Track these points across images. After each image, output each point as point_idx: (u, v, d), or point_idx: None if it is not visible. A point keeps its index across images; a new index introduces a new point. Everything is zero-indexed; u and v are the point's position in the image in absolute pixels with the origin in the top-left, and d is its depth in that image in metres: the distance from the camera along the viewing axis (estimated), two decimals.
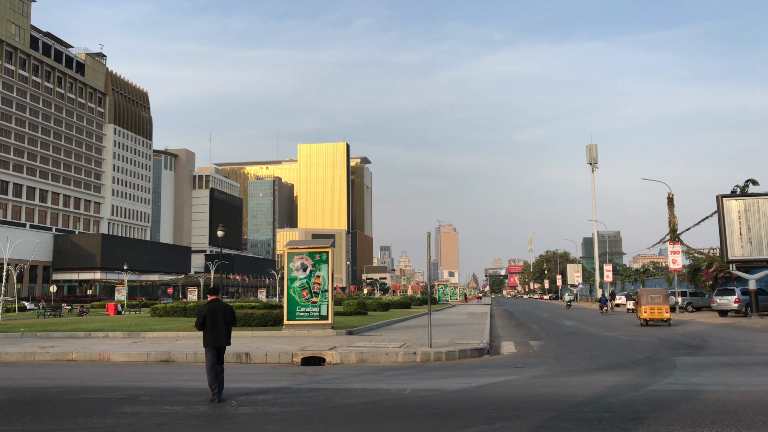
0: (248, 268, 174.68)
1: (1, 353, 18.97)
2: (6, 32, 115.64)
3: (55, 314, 48.78)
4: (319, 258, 22.56)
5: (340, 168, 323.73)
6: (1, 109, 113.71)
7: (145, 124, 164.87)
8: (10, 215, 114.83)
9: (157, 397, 11.52)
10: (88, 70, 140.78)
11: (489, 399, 11.01)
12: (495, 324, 36.34)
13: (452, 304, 75.89)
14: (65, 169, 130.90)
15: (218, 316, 11.17)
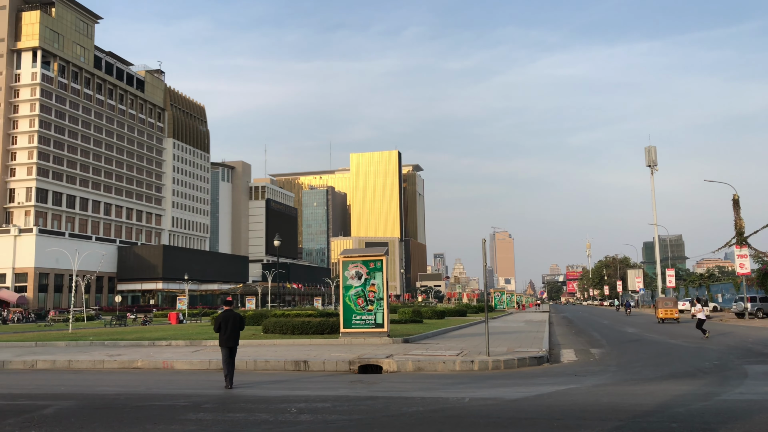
0: (303, 276, 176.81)
1: (73, 361, 19.73)
2: (72, 53, 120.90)
3: (120, 323, 50.39)
4: (374, 266, 22.63)
5: (392, 176, 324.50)
6: (68, 127, 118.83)
7: (203, 138, 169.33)
8: (78, 228, 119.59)
9: (220, 404, 11.77)
10: (148, 87, 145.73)
11: (550, 408, 10.80)
12: (554, 332, 35.67)
13: (509, 312, 74.90)
14: (128, 182, 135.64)
15: (230, 323, 14.37)
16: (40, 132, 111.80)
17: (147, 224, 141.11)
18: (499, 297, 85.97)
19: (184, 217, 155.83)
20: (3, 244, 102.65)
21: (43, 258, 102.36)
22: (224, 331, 14.33)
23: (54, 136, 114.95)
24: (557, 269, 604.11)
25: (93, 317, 64.66)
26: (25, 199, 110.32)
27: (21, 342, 28.33)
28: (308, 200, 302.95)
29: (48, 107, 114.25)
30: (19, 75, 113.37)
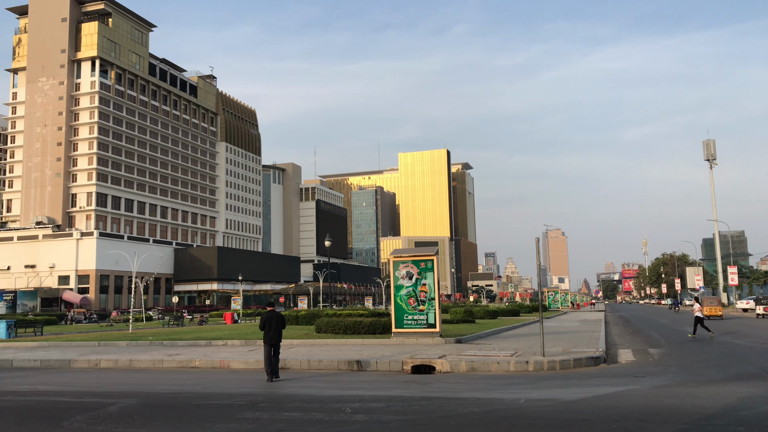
0: (354, 276, 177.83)
1: (134, 360, 20.34)
2: (128, 61, 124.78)
3: (177, 323, 51.70)
4: (425, 266, 22.55)
5: (441, 175, 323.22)
6: (125, 133, 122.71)
7: (254, 141, 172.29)
8: (136, 231, 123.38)
9: (276, 403, 11.93)
10: (201, 92, 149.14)
11: (608, 410, 10.56)
12: (610, 331, 34.87)
13: (563, 311, 73.62)
14: (183, 186, 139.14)
15: (273, 323, 15.90)
16: (99, 138, 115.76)
17: (202, 226, 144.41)
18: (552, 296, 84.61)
19: (237, 219, 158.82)
20: (66, 247, 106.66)
21: (104, 260, 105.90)
22: (268, 329, 15.81)
23: (112, 142, 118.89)
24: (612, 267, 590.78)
25: (151, 317, 66.56)
26: (86, 204, 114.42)
27: (85, 342, 29.38)
28: (357, 200, 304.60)
29: (106, 114, 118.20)
30: (79, 84, 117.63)
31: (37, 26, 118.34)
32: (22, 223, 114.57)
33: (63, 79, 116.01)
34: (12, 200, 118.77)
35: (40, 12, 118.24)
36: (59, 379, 17.16)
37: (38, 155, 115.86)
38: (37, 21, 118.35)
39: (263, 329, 15.93)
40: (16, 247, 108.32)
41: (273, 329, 15.80)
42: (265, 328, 15.88)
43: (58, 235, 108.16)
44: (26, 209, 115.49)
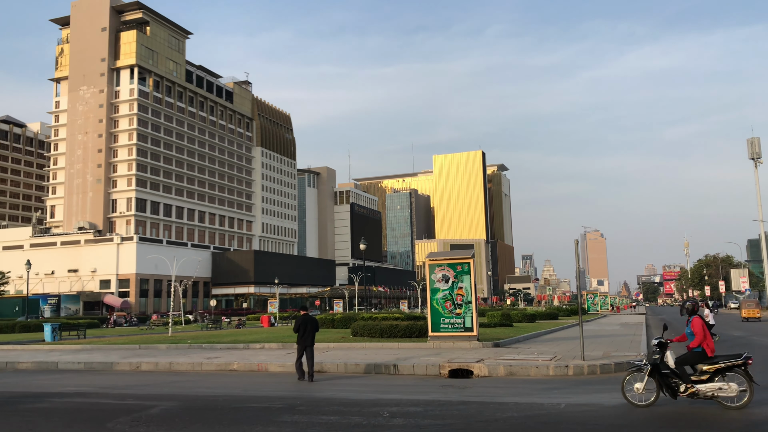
0: (389, 279, 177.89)
1: (174, 363, 20.64)
2: (165, 69, 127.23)
3: (216, 327, 52.30)
4: (461, 269, 22.39)
5: (477, 177, 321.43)
6: (163, 139, 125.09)
7: (289, 146, 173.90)
8: (174, 236, 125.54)
9: (314, 407, 11.95)
10: (236, 98, 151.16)
11: (653, 416, 10.31)
12: (652, 335, 34.11)
13: (603, 314, 72.39)
14: (220, 191, 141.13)
15: (308, 326, 16.51)
16: (138, 145, 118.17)
17: (238, 230, 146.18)
18: (591, 299, 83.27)
19: (273, 223, 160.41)
20: (107, 252, 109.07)
21: (144, 264, 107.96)
22: (302, 332, 16.47)
23: (150, 148, 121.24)
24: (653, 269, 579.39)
25: (190, 321, 67.53)
26: (126, 209, 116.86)
27: (126, 345, 29.93)
28: (392, 203, 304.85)
29: (144, 121, 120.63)
30: (118, 92, 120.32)
31: (78, 36, 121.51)
32: (65, 228, 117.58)
33: (103, 87, 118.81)
34: (55, 206, 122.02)
35: (81, 22, 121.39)
36: (102, 381, 17.50)
37: (80, 162, 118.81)
38: (78, 31, 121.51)
39: (297, 332, 16.57)
40: (60, 251, 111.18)
41: (307, 332, 16.39)
42: (300, 331, 16.49)
43: (99, 240, 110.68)
44: (69, 215, 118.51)
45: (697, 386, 10.59)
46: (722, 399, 10.40)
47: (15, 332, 45.56)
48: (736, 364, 10.33)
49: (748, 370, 10.44)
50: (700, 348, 10.96)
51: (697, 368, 10.69)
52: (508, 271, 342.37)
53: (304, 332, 16.42)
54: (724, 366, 10.38)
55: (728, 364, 10.37)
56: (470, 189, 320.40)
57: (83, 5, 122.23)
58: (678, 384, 10.74)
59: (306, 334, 16.40)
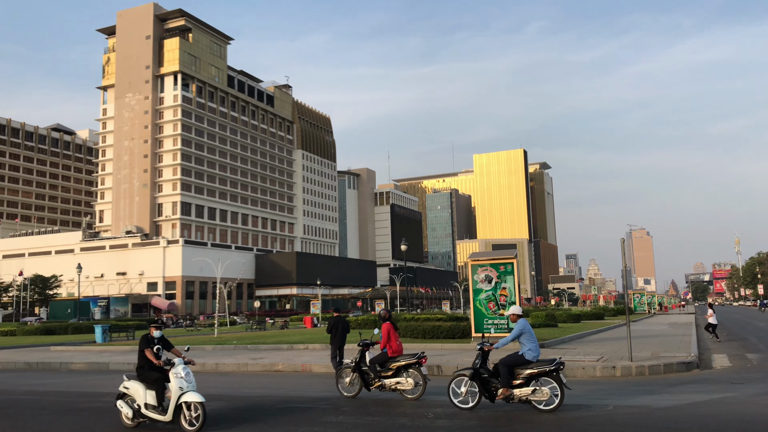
0: (430, 280, 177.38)
1: (220, 364, 20.98)
2: (208, 74, 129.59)
3: (260, 328, 52.98)
4: (504, 269, 22.16)
5: (518, 175, 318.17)
6: (206, 144, 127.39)
7: (329, 148, 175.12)
8: (218, 238, 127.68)
9: (358, 407, 11.98)
10: (277, 102, 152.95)
11: (704, 418, 10.03)
12: (702, 335, 33.22)
13: (650, 314, 70.83)
14: (262, 193, 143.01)
15: (340, 327, 17.40)
16: (182, 150, 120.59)
17: (281, 232, 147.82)
18: (639, 298, 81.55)
19: (314, 225, 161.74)
20: (154, 255, 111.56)
21: (189, 267, 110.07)
22: (335, 333, 17.37)
23: (195, 153, 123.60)
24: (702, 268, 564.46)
25: (235, 322, 68.57)
26: (172, 213, 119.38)
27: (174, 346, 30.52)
28: (432, 204, 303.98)
29: (188, 126, 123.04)
30: (163, 98, 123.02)
31: (123, 45, 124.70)
32: (113, 232, 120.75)
33: (148, 94, 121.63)
34: (104, 211, 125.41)
35: (126, 31, 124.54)
36: None
37: (126, 167, 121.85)
38: (124, 40, 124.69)
39: (330, 332, 17.49)
40: (108, 255, 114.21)
41: (339, 333, 17.33)
42: (332, 332, 17.42)
43: (146, 243, 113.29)
44: (116, 219, 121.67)
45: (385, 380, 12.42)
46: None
47: (68, 333, 47.01)
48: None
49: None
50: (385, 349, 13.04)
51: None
52: (552, 270, 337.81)
53: (336, 333, 17.34)
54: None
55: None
56: (512, 188, 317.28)
57: (128, 14, 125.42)
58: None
59: (337, 335, 17.32)
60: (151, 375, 10.32)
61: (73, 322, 55.95)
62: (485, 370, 11.21)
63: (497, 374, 11.05)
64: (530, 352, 11.08)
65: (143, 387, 10.34)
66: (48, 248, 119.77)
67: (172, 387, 10.01)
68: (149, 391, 10.29)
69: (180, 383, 9.92)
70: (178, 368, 10.05)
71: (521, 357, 11.07)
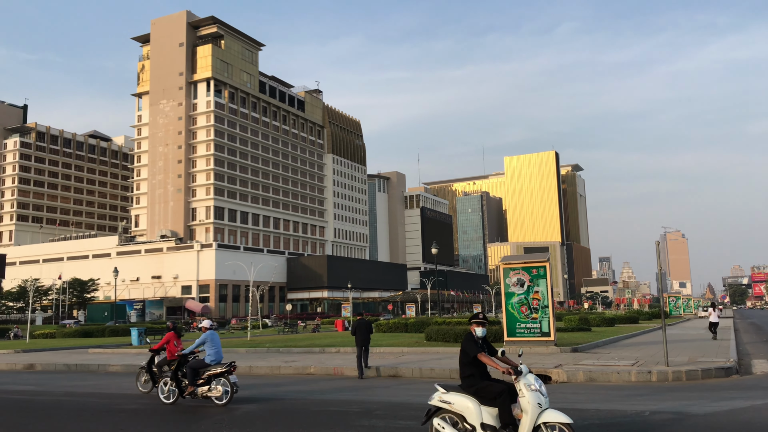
0: (461, 283, 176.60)
1: (253, 366, 21.19)
2: (240, 80, 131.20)
3: (292, 330, 53.43)
4: (537, 273, 21.98)
5: (550, 178, 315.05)
6: (238, 149, 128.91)
7: (359, 151, 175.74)
8: (251, 242, 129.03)
9: (390, 411, 11.99)
10: (308, 106, 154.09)
11: (746, 425, 9.81)
12: (741, 339, 32.47)
13: (686, 318, 69.48)
14: (293, 197, 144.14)
15: (363, 328, 18.83)
16: (215, 155, 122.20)
17: (312, 236, 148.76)
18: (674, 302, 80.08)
19: (345, 228, 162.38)
20: (188, 258, 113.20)
21: (222, 270, 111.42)
22: (358, 334, 18.79)
23: (227, 158, 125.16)
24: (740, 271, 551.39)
25: (267, 325, 69.17)
26: (205, 217, 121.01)
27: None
28: (462, 207, 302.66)
29: (221, 132, 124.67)
30: (196, 104, 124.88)
31: (157, 52, 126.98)
32: (149, 236, 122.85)
33: (181, 101, 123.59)
34: (139, 216, 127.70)
35: (160, 39, 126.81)
36: None
37: (161, 173, 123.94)
38: (158, 47, 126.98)
39: (354, 334, 19.05)
40: (144, 259, 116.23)
41: (362, 334, 18.75)
42: (356, 334, 18.87)
43: (180, 247, 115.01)
44: (152, 224, 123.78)
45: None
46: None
47: (105, 336, 47.97)
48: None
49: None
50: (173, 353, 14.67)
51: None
52: (585, 273, 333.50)
53: (360, 334, 18.76)
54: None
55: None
56: (543, 190, 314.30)
57: (162, 22, 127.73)
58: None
59: (362, 335, 18.73)
60: (492, 386, 8.24)
61: (109, 325, 57.06)
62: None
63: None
64: (210, 357, 13.66)
65: (475, 402, 8.24)
66: (86, 252, 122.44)
67: (524, 403, 7.78)
68: (487, 407, 8.16)
69: (537, 398, 7.74)
70: (529, 377, 7.90)
71: (202, 361, 13.60)
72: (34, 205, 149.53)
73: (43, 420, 12.13)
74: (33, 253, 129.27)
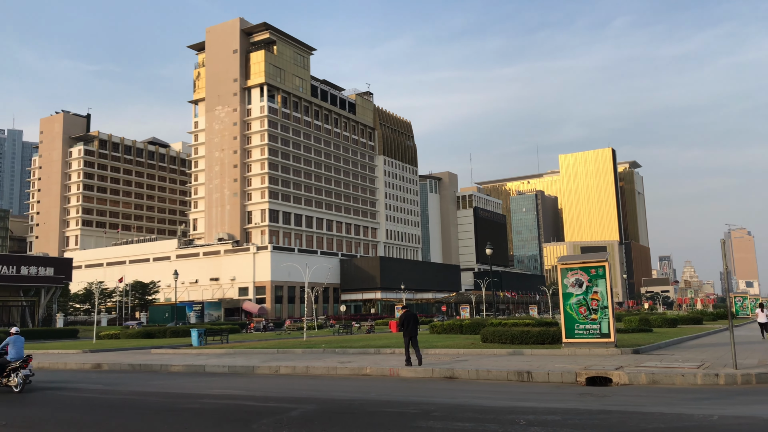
0: (516, 284, 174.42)
1: (310, 367, 21.42)
2: (292, 85, 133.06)
3: (346, 332, 53.76)
4: (595, 273, 21.49)
5: (607, 175, 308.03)
6: (291, 153, 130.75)
7: (410, 152, 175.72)
8: (305, 244, 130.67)
9: (448, 413, 11.91)
10: (358, 109, 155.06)
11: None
12: None
13: (753, 319, 66.71)
14: (345, 200, 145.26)
15: (410, 320, 20.24)
16: (269, 159, 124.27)
17: (364, 237, 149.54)
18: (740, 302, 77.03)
19: (397, 229, 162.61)
20: (244, 261, 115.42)
21: (278, 272, 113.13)
22: (406, 326, 20.15)
23: (281, 162, 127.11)
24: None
25: (322, 326, 69.84)
26: (260, 220, 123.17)
27: (265, 349, 31.45)
28: (516, 206, 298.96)
29: (274, 136, 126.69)
30: (250, 109, 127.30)
31: (212, 59, 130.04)
32: (206, 239, 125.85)
33: (236, 106, 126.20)
34: (197, 219, 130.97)
35: (215, 46, 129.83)
36: (245, 384, 18.49)
37: (217, 177, 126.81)
38: (213, 55, 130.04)
39: (402, 326, 20.24)
40: (202, 262, 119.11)
41: (410, 326, 20.05)
42: (405, 325, 20.15)
43: (236, 249, 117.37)
44: (209, 227, 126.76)
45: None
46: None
47: (166, 337, 49.34)
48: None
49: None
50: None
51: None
52: (644, 273, 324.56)
53: (407, 326, 19.94)
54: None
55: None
56: (600, 188, 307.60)
57: (216, 30, 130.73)
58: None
59: (408, 327, 19.94)
60: None
61: (170, 326, 58.65)
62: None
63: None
64: (11, 355, 17.44)
65: None
66: (146, 256, 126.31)
67: None
68: None
69: None
70: None
71: (5, 358, 17.42)
72: (97, 210, 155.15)
73: (112, 417, 12.55)
74: (97, 257, 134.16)
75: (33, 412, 13.67)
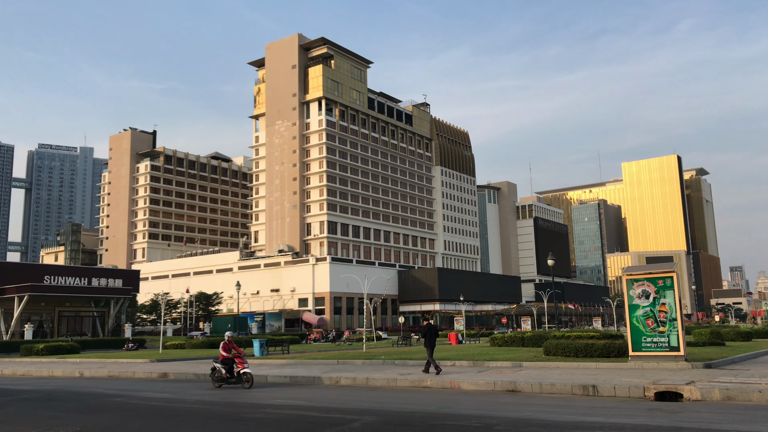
0: (579, 296, 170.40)
1: (370, 378, 21.43)
2: (349, 98, 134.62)
3: (405, 343, 53.62)
4: (663, 284, 20.78)
5: (672, 183, 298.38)
6: (349, 165, 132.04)
7: (468, 162, 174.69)
8: (363, 255, 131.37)
9: (511, 427, 11.68)
10: (415, 120, 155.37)
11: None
12: None
13: None
14: (403, 211, 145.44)
15: (431, 332, 23.20)
16: (328, 171, 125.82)
17: (422, 248, 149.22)
18: None
19: (455, 240, 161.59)
20: (304, 272, 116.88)
21: (336, 283, 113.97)
22: (427, 337, 23.13)
23: (339, 174, 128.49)
24: None
25: (381, 337, 69.92)
26: (319, 232, 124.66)
27: (325, 360, 31.70)
28: (578, 216, 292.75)
29: (332, 149, 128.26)
30: (309, 123, 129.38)
31: (272, 75, 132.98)
32: (267, 251, 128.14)
33: (295, 120, 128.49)
34: (258, 231, 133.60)
35: (274, 62, 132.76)
36: (307, 394, 18.65)
37: (278, 190, 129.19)
38: (272, 71, 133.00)
39: (424, 336, 23.39)
40: (263, 273, 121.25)
41: (431, 337, 23.03)
42: (426, 336, 23.20)
43: (296, 261, 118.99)
44: (270, 239, 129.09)
45: None
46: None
47: None
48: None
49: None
50: None
51: None
52: (714, 284, 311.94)
53: (428, 337, 23.01)
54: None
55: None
56: (666, 196, 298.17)
57: (275, 46, 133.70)
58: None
59: (428, 339, 22.95)
60: None
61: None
62: None
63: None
64: None
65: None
66: (210, 267, 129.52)
67: None
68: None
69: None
70: None
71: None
72: (163, 223, 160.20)
73: (178, 425, 12.85)
74: (163, 269, 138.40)
75: (104, 419, 14.15)
